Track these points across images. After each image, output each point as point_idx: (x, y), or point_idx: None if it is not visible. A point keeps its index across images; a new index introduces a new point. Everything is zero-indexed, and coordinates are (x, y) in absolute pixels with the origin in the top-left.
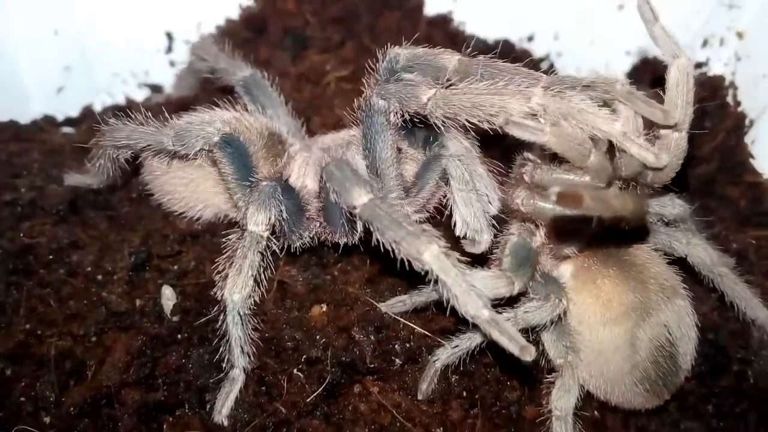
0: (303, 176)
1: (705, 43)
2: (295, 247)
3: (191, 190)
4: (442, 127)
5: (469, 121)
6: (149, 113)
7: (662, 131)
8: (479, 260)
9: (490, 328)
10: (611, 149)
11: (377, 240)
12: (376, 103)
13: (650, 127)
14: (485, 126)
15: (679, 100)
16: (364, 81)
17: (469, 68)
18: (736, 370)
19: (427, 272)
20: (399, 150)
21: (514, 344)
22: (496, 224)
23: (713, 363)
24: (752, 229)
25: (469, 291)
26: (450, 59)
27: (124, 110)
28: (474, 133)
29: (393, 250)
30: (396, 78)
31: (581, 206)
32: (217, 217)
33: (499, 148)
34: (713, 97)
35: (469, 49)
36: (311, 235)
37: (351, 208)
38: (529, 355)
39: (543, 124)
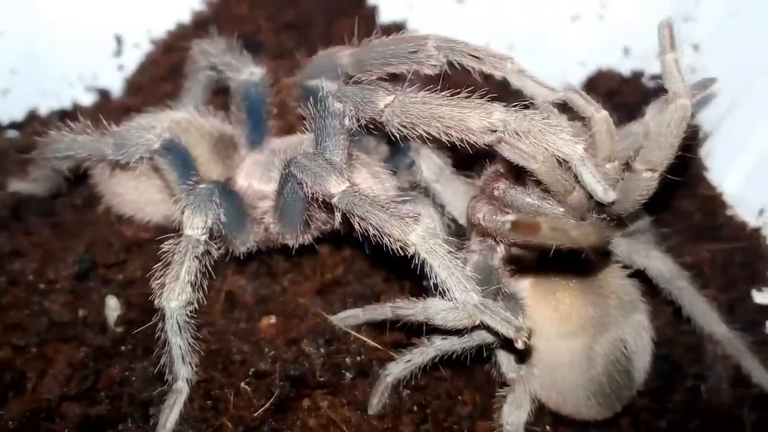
0: (249, 177)
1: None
2: (240, 253)
3: (139, 192)
4: (398, 136)
5: (427, 132)
6: (88, 121)
7: (636, 166)
8: None
9: (480, 313)
10: None
11: (360, 228)
12: (331, 105)
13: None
14: (443, 138)
15: (664, 140)
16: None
17: (361, 58)
18: (690, 385)
19: (411, 258)
20: (351, 155)
21: (508, 327)
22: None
23: (667, 378)
24: (707, 243)
25: (457, 274)
26: (342, 55)
27: (71, 115)
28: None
29: (377, 237)
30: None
31: (538, 236)
32: (167, 221)
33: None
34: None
35: None
36: (256, 240)
37: (328, 197)
38: (524, 337)
39: (535, 152)
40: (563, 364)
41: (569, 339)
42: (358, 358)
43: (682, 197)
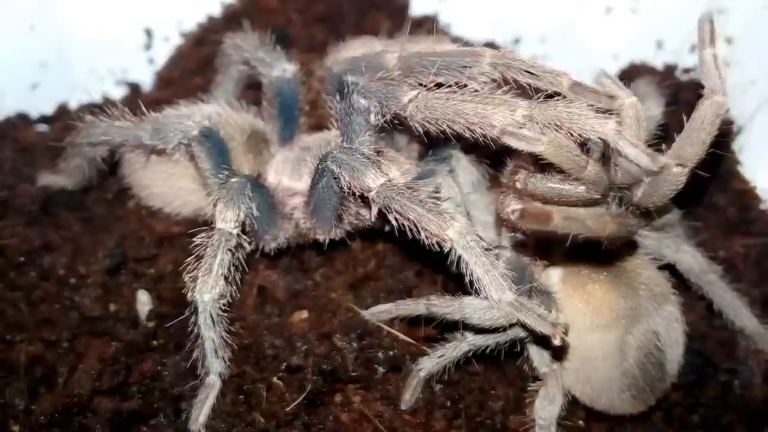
0: (280, 174)
1: (693, 48)
2: (270, 249)
3: (170, 185)
4: (421, 131)
5: (450, 128)
6: (126, 109)
7: (665, 160)
8: None
9: (516, 311)
10: (605, 160)
11: (396, 223)
12: (356, 102)
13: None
14: (467, 134)
15: (697, 136)
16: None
17: (410, 64)
18: (723, 380)
19: (447, 255)
20: (379, 152)
21: (545, 324)
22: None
23: (700, 373)
24: (740, 237)
25: (493, 272)
26: (390, 58)
27: (101, 108)
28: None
29: (413, 231)
30: (340, 82)
31: (549, 225)
32: (196, 215)
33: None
34: None
35: None
36: (286, 236)
37: (366, 191)
38: (560, 334)
39: (539, 134)
40: (596, 358)
41: (601, 332)
42: (391, 353)
43: (714, 191)
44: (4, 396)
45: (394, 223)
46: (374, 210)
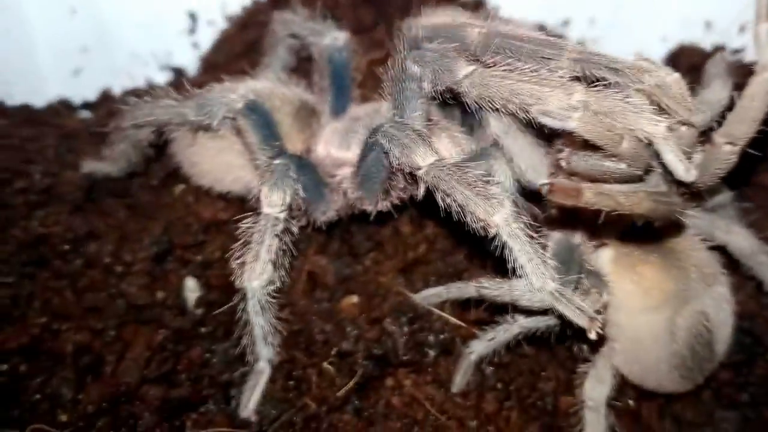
0: (328, 145)
1: (742, 28)
2: (321, 223)
3: (219, 161)
4: (473, 107)
5: (504, 108)
6: (171, 89)
7: (716, 138)
8: None
9: (555, 301)
10: None
11: (443, 203)
12: (409, 68)
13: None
14: (520, 115)
15: (747, 114)
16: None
17: (491, 42)
18: None
19: (492, 239)
20: (430, 120)
21: (582, 317)
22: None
23: (749, 352)
24: None
25: (536, 260)
26: (472, 32)
27: (145, 94)
28: None
29: (459, 214)
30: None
31: (580, 200)
32: (248, 191)
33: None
34: None
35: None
36: (336, 208)
37: (415, 169)
38: (596, 328)
39: (571, 111)
40: (645, 339)
41: (651, 313)
42: (441, 336)
43: (764, 171)
44: (52, 385)
45: (440, 203)
46: (422, 188)
